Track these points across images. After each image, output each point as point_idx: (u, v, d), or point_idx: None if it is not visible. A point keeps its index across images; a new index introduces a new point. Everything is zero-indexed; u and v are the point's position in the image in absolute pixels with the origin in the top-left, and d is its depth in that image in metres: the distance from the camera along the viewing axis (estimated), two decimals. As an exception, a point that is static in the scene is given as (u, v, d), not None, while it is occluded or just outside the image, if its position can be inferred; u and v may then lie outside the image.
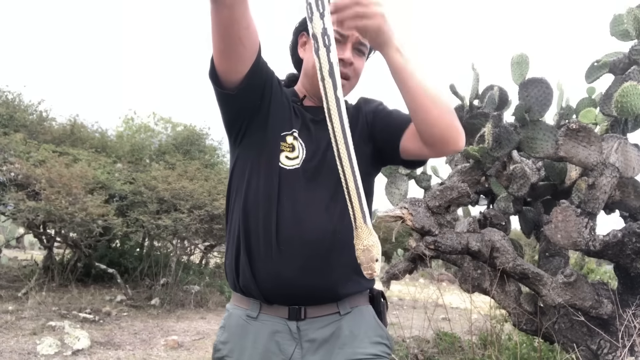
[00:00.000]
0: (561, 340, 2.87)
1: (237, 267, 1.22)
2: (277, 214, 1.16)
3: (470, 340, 4.27)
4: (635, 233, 2.49)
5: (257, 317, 1.20)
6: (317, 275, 1.15)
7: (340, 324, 1.20)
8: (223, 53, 1.07)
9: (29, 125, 8.12)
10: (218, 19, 1.00)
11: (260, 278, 1.17)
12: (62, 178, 6.04)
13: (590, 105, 3.20)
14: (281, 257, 1.14)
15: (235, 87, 1.12)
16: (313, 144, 1.22)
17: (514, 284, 3.14)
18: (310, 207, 1.17)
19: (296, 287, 1.15)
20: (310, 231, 1.15)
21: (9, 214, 6.58)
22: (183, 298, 6.98)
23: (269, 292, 1.17)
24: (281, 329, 1.17)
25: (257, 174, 1.20)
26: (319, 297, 1.18)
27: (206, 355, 4.59)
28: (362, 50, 1.25)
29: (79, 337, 4.46)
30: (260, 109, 1.20)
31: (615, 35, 2.98)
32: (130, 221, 6.80)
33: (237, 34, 1.02)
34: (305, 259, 1.14)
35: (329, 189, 1.19)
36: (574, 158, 2.62)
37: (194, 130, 9.88)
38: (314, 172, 1.20)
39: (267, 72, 1.19)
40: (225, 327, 1.25)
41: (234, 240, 1.22)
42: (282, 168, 1.19)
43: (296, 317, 1.17)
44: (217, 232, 7.27)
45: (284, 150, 1.21)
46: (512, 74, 2.97)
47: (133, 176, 7.43)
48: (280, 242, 1.15)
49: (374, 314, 1.28)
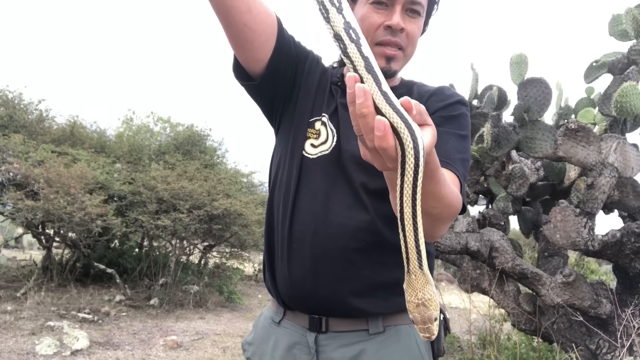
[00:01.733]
0: (560, 340, 2.87)
1: (264, 266, 1.14)
2: (292, 209, 1.03)
3: (470, 340, 4.27)
4: (634, 233, 2.50)
5: (279, 323, 1.09)
6: (329, 283, 0.99)
7: (366, 346, 0.99)
8: (234, 42, 0.99)
9: (29, 125, 8.11)
10: (213, 6, 0.94)
11: (277, 279, 1.07)
12: (60, 178, 6.03)
13: (589, 105, 3.20)
14: (292, 257, 1.02)
15: (259, 76, 1.03)
16: (350, 127, 1.00)
17: (513, 284, 3.14)
18: (330, 201, 1.01)
19: (305, 293, 1.01)
20: (323, 230, 0.99)
21: (7, 214, 6.58)
22: (182, 298, 6.97)
23: (285, 296, 1.06)
24: (299, 341, 1.04)
25: (282, 166, 1.09)
26: (333, 309, 1.01)
27: (205, 355, 4.58)
28: (416, 9, 1.01)
29: (78, 337, 4.46)
30: (291, 95, 1.09)
31: (614, 36, 2.98)
32: (129, 221, 6.79)
33: (239, 20, 0.94)
34: (316, 261, 0.99)
35: (362, 181, 1.01)
36: (573, 158, 2.62)
37: (195, 131, 9.87)
38: (347, 160, 1.02)
39: (298, 55, 1.08)
40: (255, 326, 1.18)
41: (264, 237, 1.14)
42: (304, 157, 1.05)
43: (317, 328, 1.02)
44: (216, 232, 7.26)
45: (309, 138, 1.07)
46: (511, 74, 2.97)
47: (132, 176, 7.42)
48: (293, 241, 1.02)
49: (420, 339, 1.01)
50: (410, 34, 1.02)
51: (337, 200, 1.01)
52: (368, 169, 0.98)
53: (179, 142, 9.55)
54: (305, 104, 1.09)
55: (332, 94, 1.11)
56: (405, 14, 1.01)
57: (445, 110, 1.05)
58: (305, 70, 1.10)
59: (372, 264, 0.99)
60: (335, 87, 1.12)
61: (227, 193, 7.53)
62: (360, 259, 0.99)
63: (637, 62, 2.81)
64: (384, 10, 0.99)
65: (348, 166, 1.02)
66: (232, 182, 8.39)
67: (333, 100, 1.09)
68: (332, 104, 1.09)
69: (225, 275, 8.12)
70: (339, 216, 1.00)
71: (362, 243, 0.98)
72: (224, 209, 6.79)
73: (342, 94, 1.08)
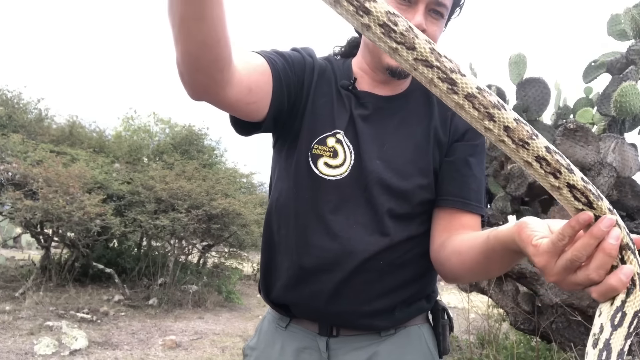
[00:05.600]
0: (558, 340, 2.87)
1: (264, 284, 1.08)
2: (306, 233, 0.97)
3: (468, 339, 4.27)
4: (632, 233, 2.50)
5: (286, 327, 1.05)
6: (346, 305, 0.97)
7: (378, 348, 0.98)
8: (237, 116, 0.92)
9: (28, 125, 8.11)
10: (219, 108, 0.87)
11: (284, 297, 1.02)
12: (59, 177, 6.03)
13: (588, 105, 3.21)
14: (306, 282, 0.98)
15: (263, 118, 0.92)
16: (370, 144, 0.96)
17: (512, 284, 3.15)
18: (351, 228, 0.95)
19: (319, 313, 0.99)
20: (344, 257, 0.94)
21: (6, 214, 6.57)
22: (181, 298, 6.97)
23: (295, 311, 1.02)
24: (309, 345, 1.01)
25: (289, 186, 1.00)
26: (348, 325, 0.99)
27: (204, 355, 4.58)
28: (439, 11, 0.96)
29: (77, 337, 4.45)
30: (297, 109, 0.99)
31: (613, 35, 2.98)
32: (128, 221, 6.79)
33: (244, 107, 0.87)
34: (334, 285, 0.95)
35: (389, 207, 0.96)
36: (572, 158, 2.62)
37: (192, 130, 9.87)
38: (371, 184, 0.96)
39: (296, 73, 0.97)
40: (258, 330, 1.13)
41: (262, 256, 1.08)
42: (318, 178, 0.96)
43: (327, 333, 0.99)
44: (215, 231, 7.26)
45: (322, 156, 0.96)
46: (510, 74, 2.98)
47: (131, 176, 7.42)
48: (307, 265, 0.96)
49: (429, 339, 1.03)
50: (432, 35, 0.95)
51: (359, 227, 0.95)
52: (395, 193, 0.96)
53: (176, 141, 9.55)
54: (313, 117, 0.98)
55: (343, 101, 1.00)
56: (429, 14, 0.95)
57: (473, 134, 1.01)
58: (305, 83, 0.99)
59: (391, 282, 0.96)
60: (346, 94, 1.00)
61: (226, 193, 7.53)
62: (380, 279, 0.96)
63: (636, 62, 2.82)
64: (406, 8, 0.93)
65: (373, 190, 0.95)
66: (231, 181, 8.39)
67: (344, 110, 0.99)
68: (343, 116, 0.98)
69: (224, 275, 8.12)
70: (361, 243, 0.94)
71: (381, 263, 0.95)
72: (223, 209, 6.78)
73: (356, 102, 1.00)
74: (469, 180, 0.98)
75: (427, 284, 1.04)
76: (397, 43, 0.58)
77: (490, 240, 0.77)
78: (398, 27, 0.57)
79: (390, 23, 0.57)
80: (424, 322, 1.05)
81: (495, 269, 0.85)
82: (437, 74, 0.58)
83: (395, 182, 0.96)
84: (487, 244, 0.78)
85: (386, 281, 0.96)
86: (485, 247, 0.79)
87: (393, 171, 0.96)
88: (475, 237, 0.84)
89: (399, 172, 0.97)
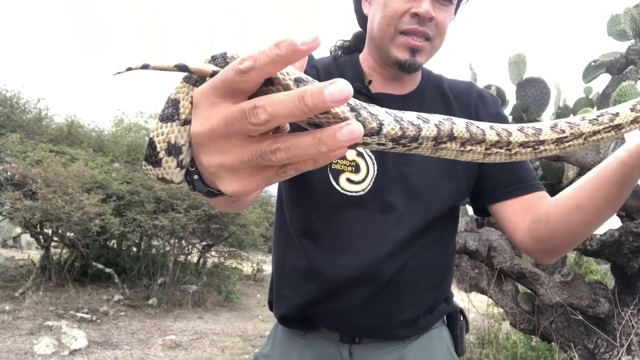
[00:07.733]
0: (558, 340, 2.87)
1: (274, 298, 1.03)
2: (327, 253, 0.92)
3: (468, 339, 4.27)
4: (632, 232, 2.50)
5: (304, 335, 0.99)
6: (374, 319, 0.94)
7: (404, 352, 0.95)
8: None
9: (26, 124, 8.10)
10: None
11: (302, 311, 0.96)
12: (58, 177, 6.02)
13: (587, 104, 3.21)
14: (330, 300, 0.93)
15: None
16: (389, 153, 0.89)
17: (512, 283, 3.15)
18: (380, 244, 0.90)
19: (343, 326, 0.95)
20: (372, 276, 0.90)
21: (5, 214, 6.57)
22: (180, 298, 6.97)
23: (316, 323, 0.97)
24: (331, 354, 0.96)
25: (308, 205, 0.94)
26: (373, 337, 0.96)
27: (204, 355, 4.58)
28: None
29: (76, 337, 4.45)
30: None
31: (612, 35, 2.99)
32: (127, 221, 6.79)
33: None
34: (361, 301, 0.92)
35: (416, 222, 0.91)
36: (571, 157, 2.62)
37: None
38: (396, 198, 0.91)
39: None
40: (271, 337, 1.06)
41: (274, 271, 1.04)
42: (341, 195, 0.90)
43: (350, 340, 0.95)
44: (214, 231, 7.26)
45: (344, 171, 0.90)
46: (510, 74, 2.98)
47: (130, 176, 7.41)
48: (331, 284, 0.92)
49: (448, 341, 1.02)
50: (440, 23, 0.89)
51: (387, 245, 0.90)
52: (421, 201, 0.91)
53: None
54: None
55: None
56: (437, 0, 0.88)
57: (501, 120, 0.96)
58: None
59: (418, 291, 0.94)
60: (360, 98, 0.97)
61: (226, 192, 7.52)
62: (407, 290, 0.93)
63: (636, 62, 2.82)
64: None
65: (397, 201, 0.91)
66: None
67: None
68: None
69: (223, 274, 8.12)
70: (390, 262, 0.90)
71: (409, 275, 0.92)
72: (222, 209, 6.78)
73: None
74: (520, 163, 0.92)
75: (447, 286, 1.03)
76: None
77: (626, 162, 0.69)
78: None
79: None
80: (443, 325, 1.04)
81: (624, 198, 0.76)
82: None
83: (424, 188, 0.92)
84: (623, 168, 0.70)
85: (413, 291, 0.94)
86: (622, 174, 0.71)
87: (420, 176, 0.92)
88: (594, 177, 0.75)
89: (425, 178, 0.93)
